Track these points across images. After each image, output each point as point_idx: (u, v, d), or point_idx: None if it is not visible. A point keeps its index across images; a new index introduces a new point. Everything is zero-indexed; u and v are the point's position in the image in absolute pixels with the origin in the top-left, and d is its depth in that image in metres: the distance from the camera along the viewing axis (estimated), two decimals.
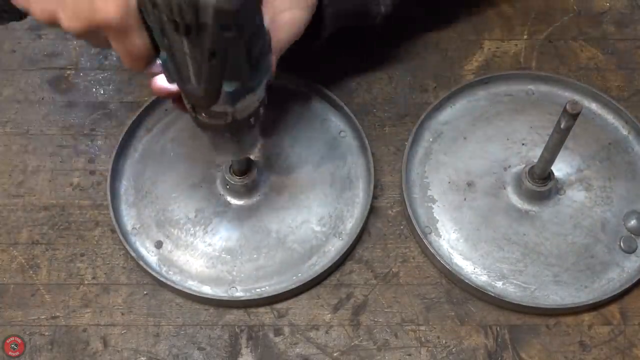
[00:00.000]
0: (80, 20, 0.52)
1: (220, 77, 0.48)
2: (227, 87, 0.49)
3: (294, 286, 0.66)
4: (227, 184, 0.70)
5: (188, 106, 0.55)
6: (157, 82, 0.56)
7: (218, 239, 0.70)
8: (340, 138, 0.75)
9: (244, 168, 0.69)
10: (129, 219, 0.71)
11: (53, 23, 0.54)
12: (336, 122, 0.76)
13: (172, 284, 0.66)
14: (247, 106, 0.55)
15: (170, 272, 0.68)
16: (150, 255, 0.69)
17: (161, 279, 0.66)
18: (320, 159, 0.74)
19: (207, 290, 0.67)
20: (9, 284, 0.68)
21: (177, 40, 0.46)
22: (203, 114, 0.55)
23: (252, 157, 0.70)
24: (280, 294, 0.66)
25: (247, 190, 0.71)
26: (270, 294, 0.66)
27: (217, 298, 0.66)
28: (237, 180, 0.69)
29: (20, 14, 0.62)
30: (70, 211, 0.72)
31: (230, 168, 0.69)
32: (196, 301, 0.67)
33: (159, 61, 0.54)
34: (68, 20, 0.52)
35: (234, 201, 0.71)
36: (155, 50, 0.53)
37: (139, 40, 0.53)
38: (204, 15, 0.43)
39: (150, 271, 0.67)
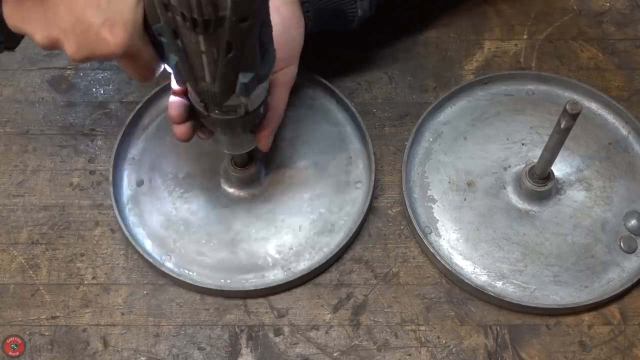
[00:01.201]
0: (86, 52, 0.51)
1: (237, 69, 0.50)
2: (243, 79, 0.50)
3: (292, 278, 0.66)
4: (228, 177, 0.70)
5: (200, 105, 0.56)
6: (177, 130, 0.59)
7: (219, 231, 0.70)
8: (341, 136, 0.75)
9: (245, 160, 0.69)
10: (130, 218, 0.71)
11: (55, 49, 0.53)
12: (338, 119, 0.76)
13: (176, 276, 0.66)
14: (258, 96, 0.56)
15: (172, 267, 0.68)
16: (151, 252, 0.69)
17: (163, 273, 0.66)
18: (321, 156, 0.74)
19: (208, 281, 0.67)
20: (9, 284, 0.68)
21: (192, 39, 0.47)
22: (216, 111, 0.55)
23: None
24: (277, 285, 0.66)
25: (248, 183, 0.71)
26: (267, 285, 0.66)
27: (219, 289, 0.66)
28: (238, 173, 0.69)
29: (15, 43, 0.61)
30: (70, 211, 0.72)
31: (231, 160, 0.69)
32: (198, 292, 0.67)
33: (166, 66, 0.55)
34: (72, 51, 0.51)
35: (235, 193, 0.71)
36: (162, 57, 0.54)
37: (147, 56, 0.53)
38: (222, 8, 0.44)
39: (151, 269, 0.67)
